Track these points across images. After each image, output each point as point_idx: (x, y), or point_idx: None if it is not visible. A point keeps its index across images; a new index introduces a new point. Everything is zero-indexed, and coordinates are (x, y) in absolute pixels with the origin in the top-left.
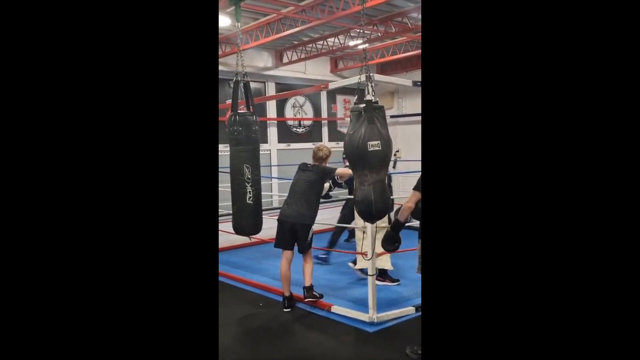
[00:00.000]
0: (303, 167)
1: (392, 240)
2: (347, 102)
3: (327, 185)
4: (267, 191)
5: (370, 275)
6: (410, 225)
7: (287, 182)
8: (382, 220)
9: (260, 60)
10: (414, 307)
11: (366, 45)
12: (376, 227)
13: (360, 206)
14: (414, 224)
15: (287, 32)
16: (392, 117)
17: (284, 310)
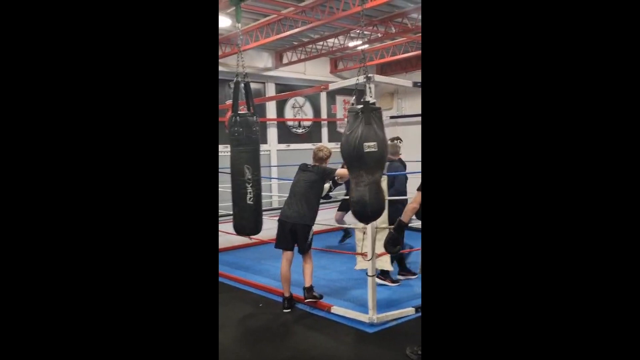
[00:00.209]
0: (303, 168)
1: (395, 242)
2: (346, 103)
3: (327, 185)
4: (267, 192)
5: (370, 275)
6: (412, 226)
7: (287, 182)
8: (383, 221)
9: (260, 61)
10: (414, 308)
11: (365, 47)
12: (376, 228)
13: (356, 206)
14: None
15: (287, 33)
16: (391, 117)
17: (284, 310)
